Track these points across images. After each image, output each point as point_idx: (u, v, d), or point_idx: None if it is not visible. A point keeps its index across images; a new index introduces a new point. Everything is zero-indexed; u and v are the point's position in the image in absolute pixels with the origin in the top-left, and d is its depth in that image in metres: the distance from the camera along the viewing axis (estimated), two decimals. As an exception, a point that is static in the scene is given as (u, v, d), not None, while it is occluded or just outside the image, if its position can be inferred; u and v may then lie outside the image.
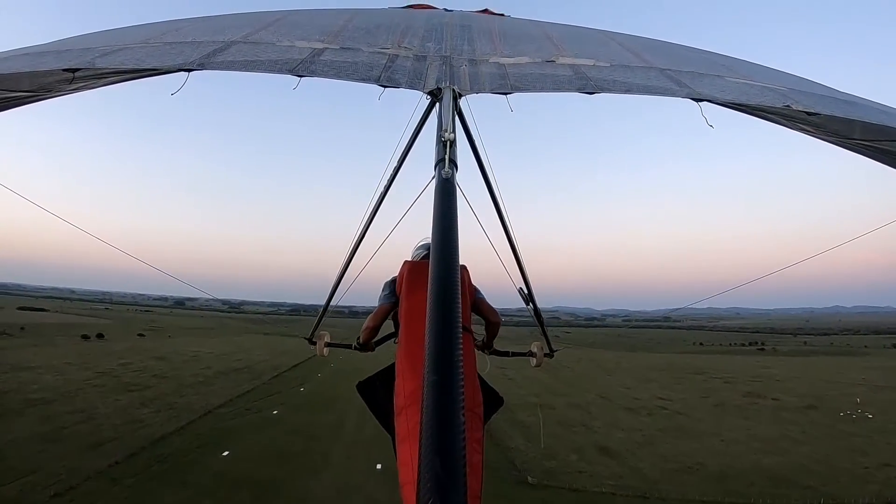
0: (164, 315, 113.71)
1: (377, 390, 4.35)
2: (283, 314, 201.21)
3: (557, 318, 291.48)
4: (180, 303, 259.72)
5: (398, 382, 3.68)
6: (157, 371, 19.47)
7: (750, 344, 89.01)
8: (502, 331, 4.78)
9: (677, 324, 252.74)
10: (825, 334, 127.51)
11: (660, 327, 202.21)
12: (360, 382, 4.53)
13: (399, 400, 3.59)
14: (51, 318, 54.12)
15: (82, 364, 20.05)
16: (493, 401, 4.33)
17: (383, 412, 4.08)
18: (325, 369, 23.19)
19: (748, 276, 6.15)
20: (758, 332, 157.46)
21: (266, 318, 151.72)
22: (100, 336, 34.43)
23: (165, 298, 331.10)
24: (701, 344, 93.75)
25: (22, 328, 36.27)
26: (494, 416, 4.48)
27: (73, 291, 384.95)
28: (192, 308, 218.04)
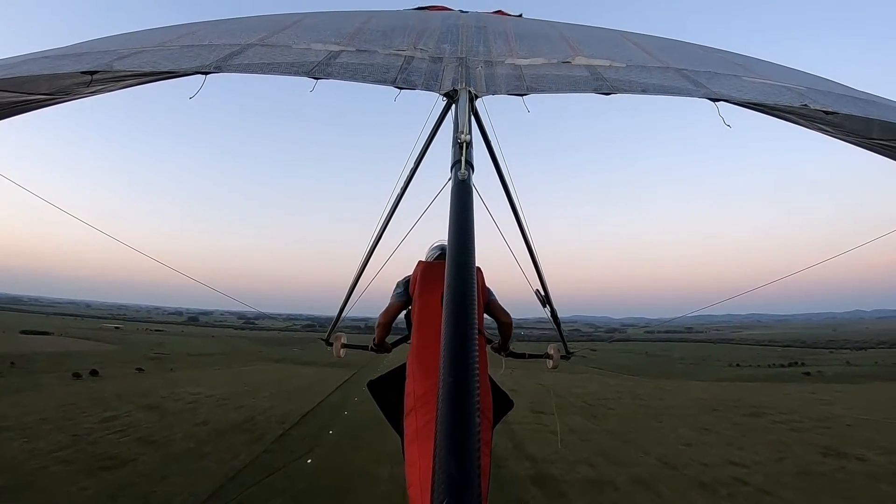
0: (174, 335, 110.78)
1: (388, 390, 4.53)
2: (298, 330, 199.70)
3: (578, 329, 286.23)
4: (194, 318, 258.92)
5: (408, 383, 3.81)
6: (143, 431, 16.68)
7: (789, 364, 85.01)
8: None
9: (701, 335, 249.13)
10: (862, 349, 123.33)
11: (685, 340, 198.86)
12: (371, 381, 4.75)
13: (409, 401, 3.71)
14: (50, 346, 51.69)
15: (60, 421, 17.36)
16: (503, 404, 4.55)
17: (393, 412, 4.26)
18: (338, 420, 20.43)
19: (765, 280, 6.40)
20: (789, 346, 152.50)
21: (281, 335, 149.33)
22: (93, 373, 31.85)
23: (180, 313, 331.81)
24: (738, 365, 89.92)
25: (12, 363, 33.83)
26: (504, 417, 4.63)
27: (88, 305, 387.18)
28: (206, 324, 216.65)
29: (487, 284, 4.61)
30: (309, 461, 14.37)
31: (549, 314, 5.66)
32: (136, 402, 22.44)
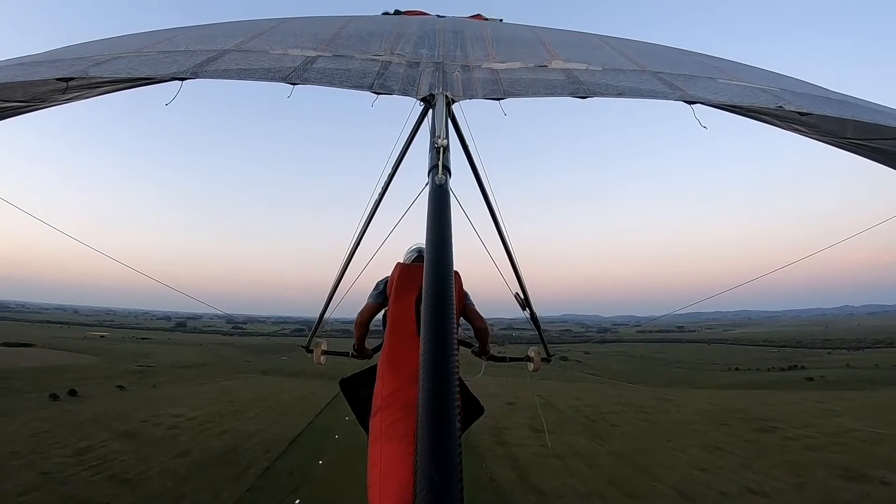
0: (160, 343, 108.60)
1: (360, 388, 4.59)
2: (287, 333, 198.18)
3: (569, 330, 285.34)
4: (182, 324, 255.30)
5: (377, 383, 3.94)
6: (118, 465, 15.45)
7: (789, 368, 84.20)
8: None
9: (694, 334, 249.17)
10: (858, 348, 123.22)
11: (679, 341, 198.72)
12: (343, 379, 4.83)
13: (376, 401, 3.84)
14: (31, 360, 49.81)
15: (30, 455, 16.10)
16: (473, 409, 4.60)
17: (362, 411, 4.32)
18: (328, 446, 19.32)
19: (750, 276, 6.31)
20: (784, 346, 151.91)
21: (269, 341, 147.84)
22: (72, 393, 30.41)
23: (168, 318, 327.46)
24: (737, 369, 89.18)
25: (-12, 384, 32.40)
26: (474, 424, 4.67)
27: (76, 311, 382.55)
28: (194, 330, 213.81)
29: (467, 288, 4.67)
30: (297, 502, 13.27)
31: (529, 317, 5.67)
32: (113, 429, 21.15)
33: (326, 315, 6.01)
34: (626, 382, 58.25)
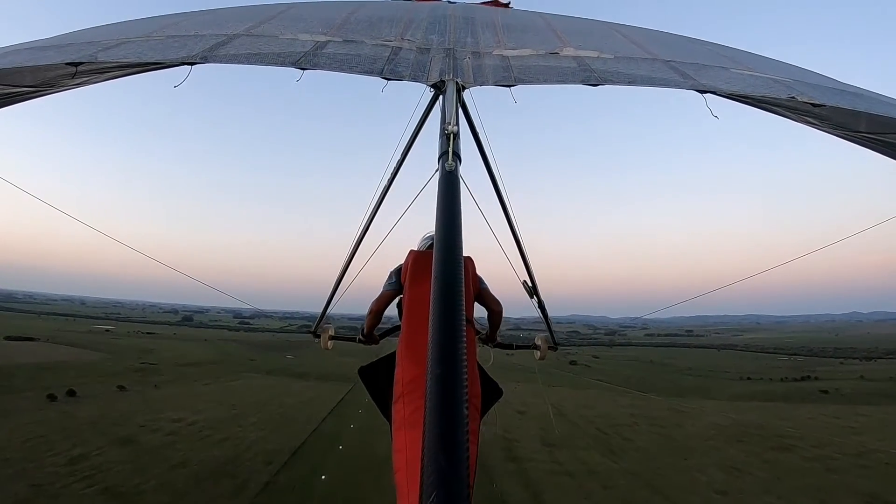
0: (166, 338, 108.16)
1: (379, 376, 4.52)
2: (293, 330, 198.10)
3: (577, 331, 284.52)
4: (188, 318, 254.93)
5: (398, 371, 3.85)
6: (112, 477, 14.92)
7: (802, 378, 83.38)
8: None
9: (703, 339, 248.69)
10: (870, 358, 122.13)
11: (687, 346, 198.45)
12: (362, 367, 4.72)
13: (398, 388, 3.76)
14: (32, 356, 49.12)
15: (22, 462, 15.67)
16: (492, 392, 4.54)
17: (383, 399, 4.27)
18: (332, 457, 18.84)
19: (759, 279, 6.59)
20: (796, 353, 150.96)
21: (275, 338, 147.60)
22: (70, 393, 29.93)
23: (175, 311, 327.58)
24: (749, 378, 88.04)
25: (-14, 382, 31.96)
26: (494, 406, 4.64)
27: (83, 302, 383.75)
28: (200, 324, 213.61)
29: (478, 273, 4.63)
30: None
31: (537, 305, 5.62)
32: (110, 434, 20.58)
33: (334, 301, 5.95)
34: (637, 391, 57.47)
